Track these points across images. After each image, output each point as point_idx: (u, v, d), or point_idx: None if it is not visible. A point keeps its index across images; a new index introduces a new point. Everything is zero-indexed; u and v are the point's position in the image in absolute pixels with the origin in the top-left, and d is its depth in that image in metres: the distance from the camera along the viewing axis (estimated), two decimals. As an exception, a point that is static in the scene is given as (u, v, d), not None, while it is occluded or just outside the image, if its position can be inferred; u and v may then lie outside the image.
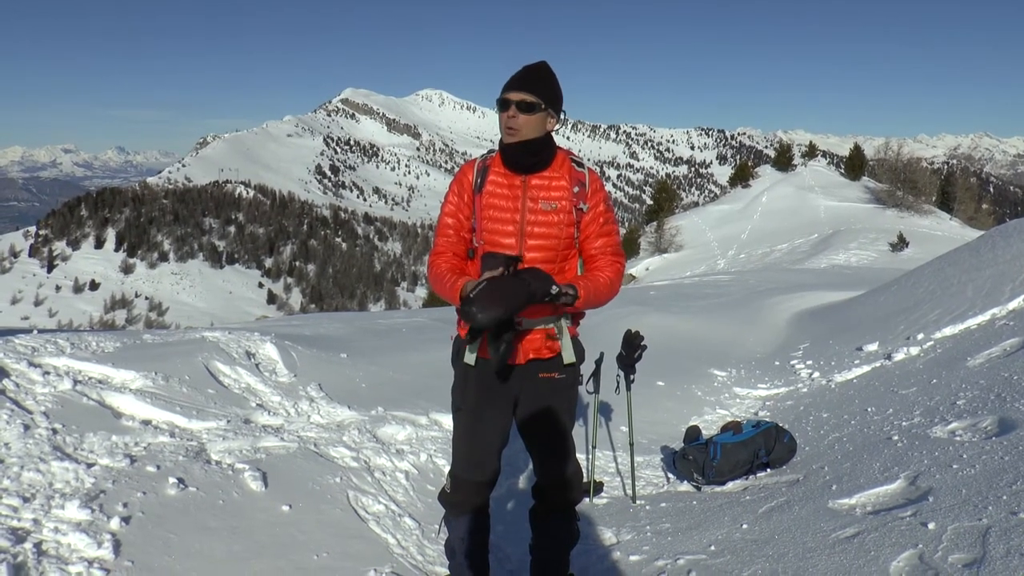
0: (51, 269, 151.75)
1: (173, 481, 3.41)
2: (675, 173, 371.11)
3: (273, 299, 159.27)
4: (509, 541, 3.85)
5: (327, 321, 9.81)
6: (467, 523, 2.95)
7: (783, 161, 70.18)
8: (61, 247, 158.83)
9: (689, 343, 10.43)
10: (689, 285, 22.20)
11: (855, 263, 32.91)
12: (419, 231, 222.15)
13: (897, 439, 4.45)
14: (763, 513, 3.86)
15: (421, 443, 4.77)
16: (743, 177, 69.10)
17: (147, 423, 4.02)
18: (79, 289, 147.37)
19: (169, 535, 3.07)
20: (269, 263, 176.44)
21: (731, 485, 4.81)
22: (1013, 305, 7.40)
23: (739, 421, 5.28)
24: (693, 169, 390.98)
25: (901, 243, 35.37)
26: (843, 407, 6.09)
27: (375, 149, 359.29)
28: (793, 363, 8.85)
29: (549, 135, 2.75)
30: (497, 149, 2.81)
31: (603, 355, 4.80)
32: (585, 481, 4.46)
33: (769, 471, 4.92)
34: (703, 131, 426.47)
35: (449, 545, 3.06)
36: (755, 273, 28.50)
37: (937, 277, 10.30)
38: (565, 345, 2.78)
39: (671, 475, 5.26)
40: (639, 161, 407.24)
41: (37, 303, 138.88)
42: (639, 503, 4.61)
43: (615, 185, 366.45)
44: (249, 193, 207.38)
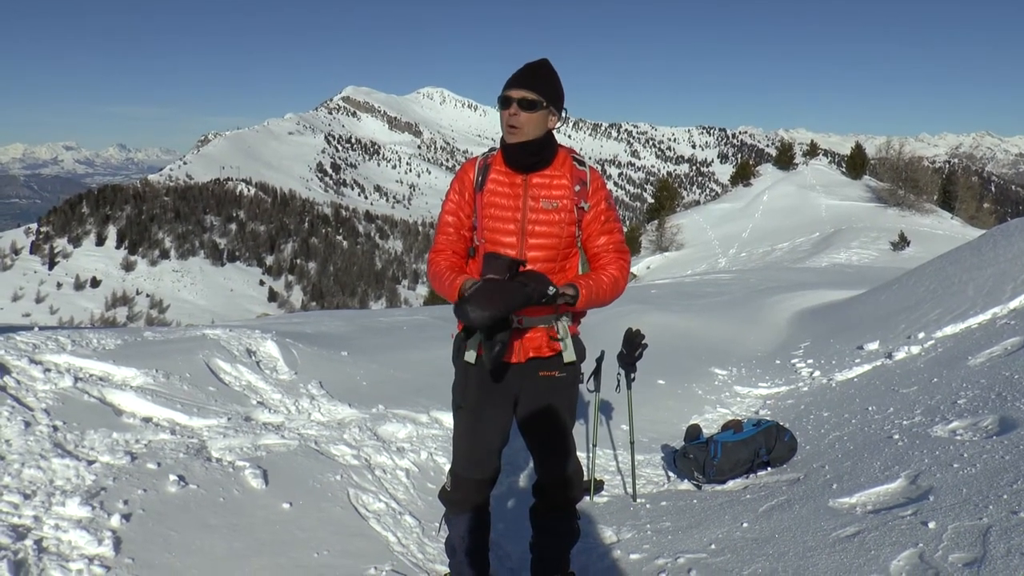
0: (52, 266, 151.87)
1: (174, 478, 3.41)
2: (676, 172, 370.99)
3: (274, 297, 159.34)
4: (510, 539, 3.85)
5: (328, 319, 9.81)
6: (467, 521, 2.95)
7: (784, 160, 70.13)
8: (62, 244, 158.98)
9: (690, 342, 10.42)
10: (690, 283, 22.20)
11: (856, 262, 32.90)
12: (420, 229, 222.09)
13: (898, 438, 4.45)
14: (764, 512, 3.86)
15: (422, 441, 4.77)
16: (744, 176, 69.06)
17: (148, 420, 4.02)
18: (80, 286, 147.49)
19: (170, 532, 3.08)
20: (270, 261, 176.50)
21: (732, 484, 4.81)
22: (1014, 304, 7.39)
23: (740, 420, 5.28)
24: (694, 168, 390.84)
25: (902, 242, 35.35)
26: (844, 406, 6.09)
27: (376, 147, 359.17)
28: (794, 362, 8.85)
29: (550, 133, 2.74)
30: (498, 147, 2.81)
31: (604, 353, 4.80)
32: (585, 479, 4.46)
33: (770, 470, 4.92)
34: (704, 130, 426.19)
35: (449, 543, 3.07)
36: (756, 272, 28.49)
37: (938, 276, 10.29)
38: (566, 344, 2.78)
39: (672, 473, 5.26)
40: (640, 160, 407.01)
41: (38, 300, 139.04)
42: (639, 501, 4.61)
43: (616, 183, 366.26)
44: (250, 191, 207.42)
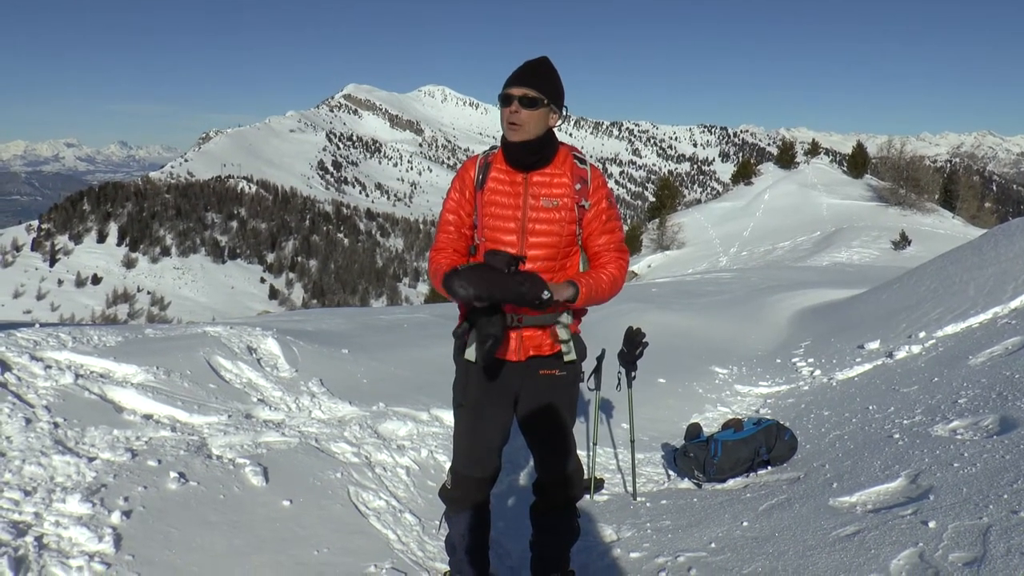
0: (53, 263, 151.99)
1: (174, 475, 3.41)
2: (678, 170, 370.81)
3: (275, 294, 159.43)
4: (510, 537, 3.85)
5: (329, 316, 9.81)
6: (468, 519, 2.95)
7: (786, 159, 70.15)
8: (63, 241, 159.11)
9: (690, 340, 10.42)
10: (691, 282, 22.19)
11: (857, 261, 32.89)
12: (421, 227, 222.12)
13: (898, 437, 4.45)
14: (764, 511, 3.86)
15: (422, 439, 4.77)
16: (746, 174, 69.07)
17: (148, 417, 4.02)
18: (81, 283, 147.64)
19: (170, 529, 3.08)
20: (271, 258, 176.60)
21: (732, 483, 4.81)
22: (1015, 304, 7.39)
23: (740, 419, 5.28)
24: (696, 166, 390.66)
25: (903, 241, 35.35)
26: (844, 405, 6.08)
27: (377, 145, 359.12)
28: (794, 361, 8.84)
29: (551, 131, 2.74)
30: (499, 146, 2.80)
31: (604, 352, 4.79)
32: (586, 478, 4.46)
33: (770, 469, 4.92)
34: (706, 128, 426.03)
35: (450, 541, 3.07)
36: (757, 271, 28.48)
37: (939, 275, 10.28)
38: (566, 342, 2.78)
39: (672, 472, 5.26)
40: (642, 158, 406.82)
41: (39, 297, 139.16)
42: (640, 500, 4.61)
43: (617, 182, 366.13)
44: (251, 188, 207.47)
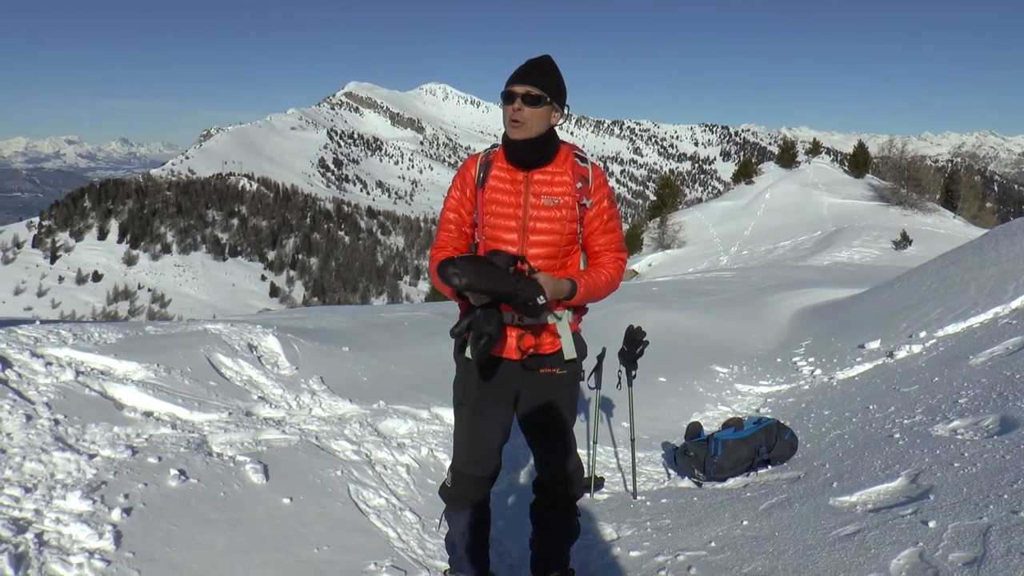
0: (54, 260, 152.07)
1: (174, 473, 3.41)
2: (679, 169, 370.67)
3: (276, 292, 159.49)
4: (510, 536, 3.85)
5: (329, 314, 9.81)
6: (468, 517, 2.96)
7: (787, 158, 70.11)
8: (64, 238, 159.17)
9: (691, 339, 10.42)
10: (692, 281, 22.19)
11: (858, 260, 32.89)
12: (422, 225, 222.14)
13: (898, 437, 4.44)
14: (764, 510, 3.86)
15: (422, 437, 4.77)
16: (747, 173, 69.06)
17: (149, 415, 4.02)
18: (82, 280, 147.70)
19: (170, 527, 3.08)
20: (272, 256, 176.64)
21: (732, 482, 4.81)
22: (1016, 304, 7.38)
23: (740, 418, 5.28)
24: (697, 165, 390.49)
25: (904, 241, 35.34)
26: (845, 404, 6.08)
27: (378, 143, 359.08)
28: (795, 360, 8.84)
29: (552, 130, 2.74)
30: (500, 144, 2.80)
31: (605, 351, 4.80)
32: (586, 477, 4.46)
33: (770, 468, 4.92)
34: (707, 127, 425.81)
35: (450, 539, 3.07)
36: (758, 270, 28.48)
37: (940, 275, 10.27)
38: (566, 341, 2.78)
39: (672, 471, 5.26)
40: (643, 157, 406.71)
41: (40, 294, 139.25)
42: (640, 499, 4.61)
43: (618, 181, 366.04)
44: (252, 186, 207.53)
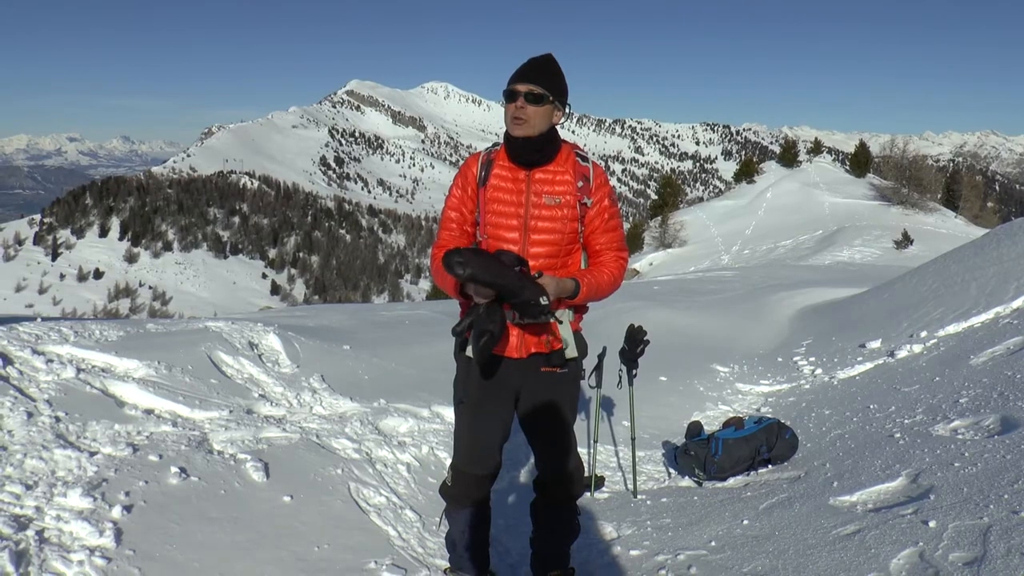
0: (55, 257, 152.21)
1: (175, 470, 3.41)
2: (680, 168, 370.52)
3: (277, 290, 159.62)
4: (510, 534, 3.85)
5: (330, 312, 9.82)
6: (468, 516, 2.96)
7: (788, 157, 70.14)
8: (66, 235, 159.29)
9: (692, 338, 10.42)
10: (693, 280, 22.19)
11: (859, 260, 32.89)
12: (423, 224, 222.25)
13: (899, 437, 4.44)
14: (764, 509, 3.86)
15: (423, 436, 4.78)
16: (748, 173, 69.07)
17: (150, 412, 4.02)
18: (83, 278, 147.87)
19: (171, 524, 3.08)
20: (273, 254, 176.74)
21: (732, 481, 4.81)
22: (1017, 304, 7.37)
23: (741, 417, 5.28)
24: (698, 164, 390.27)
25: (905, 240, 35.34)
26: (845, 404, 6.08)
27: (380, 141, 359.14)
28: (796, 359, 8.84)
29: (554, 129, 2.74)
30: (502, 143, 2.80)
31: (606, 350, 4.80)
32: (586, 475, 4.47)
33: (770, 467, 4.92)
34: (708, 126, 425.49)
35: (450, 538, 3.07)
36: (759, 269, 28.48)
37: (941, 275, 10.26)
38: (567, 339, 2.78)
39: (672, 470, 5.26)
40: (644, 156, 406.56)
41: (41, 291, 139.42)
42: (640, 498, 4.61)
43: (620, 180, 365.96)
44: (254, 184, 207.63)
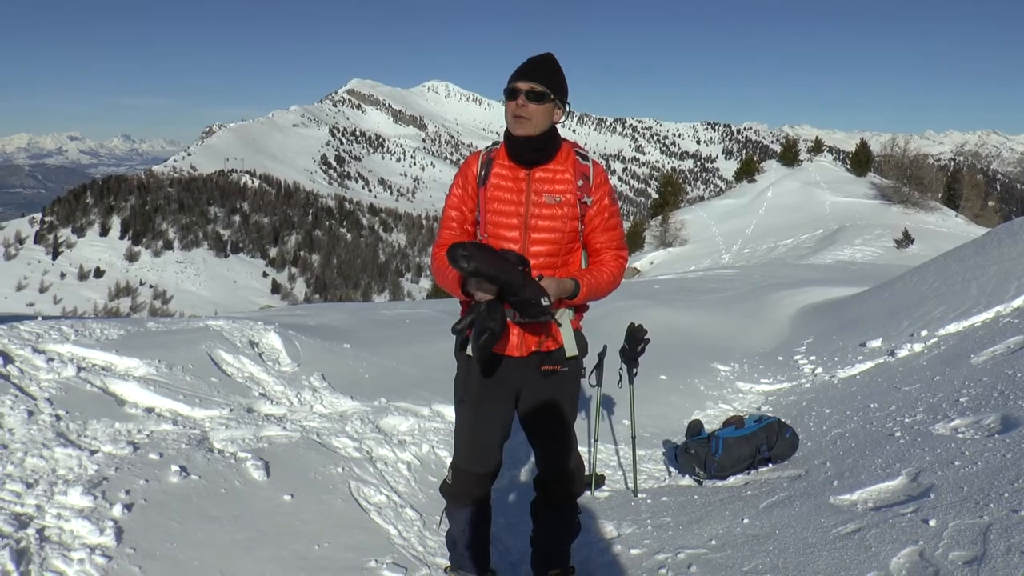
0: (56, 256, 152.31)
1: (176, 469, 3.42)
2: (681, 167, 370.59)
3: (277, 289, 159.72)
4: (510, 533, 3.86)
5: (331, 311, 9.82)
6: (468, 515, 2.96)
7: (789, 156, 70.09)
8: (66, 234, 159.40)
9: (692, 337, 10.42)
10: (693, 279, 22.19)
11: (860, 259, 32.89)
12: (424, 222, 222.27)
13: (899, 435, 4.44)
14: (764, 508, 3.86)
15: (423, 434, 4.78)
16: (749, 172, 69.07)
17: (150, 411, 4.03)
18: (84, 276, 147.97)
19: (171, 523, 3.08)
20: (274, 253, 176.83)
21: (732, 480, 4.81)
22: (1017, 303, 7.37)
23: (741, 416, 5.28)
24: (699, 163, 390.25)
25: (906, 239, 35.33)
26: (846, 403, 6.08)
27: (381, 140, 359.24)
28: (796, 358, 8.84)
29: (554, 127, 2.74)
30: (502, 142, 2.80)
31: (606, 348, 4.80)
32: (587, 474, 4.47)
33: (771, 466, 4.91)
34: (709, 125, 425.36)
35: (450, 536, 3.07)
36: (759, 268, 28.48)
37: (942, 274, 10.26)
38: (567, 338, 2.78)
39: (673, 469, 5.26)
40: (645, 155, 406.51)
41: (42, 290, 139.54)
42: (640, 496, 4.61)
43: (620, 178, 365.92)
44: (254, 183, 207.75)
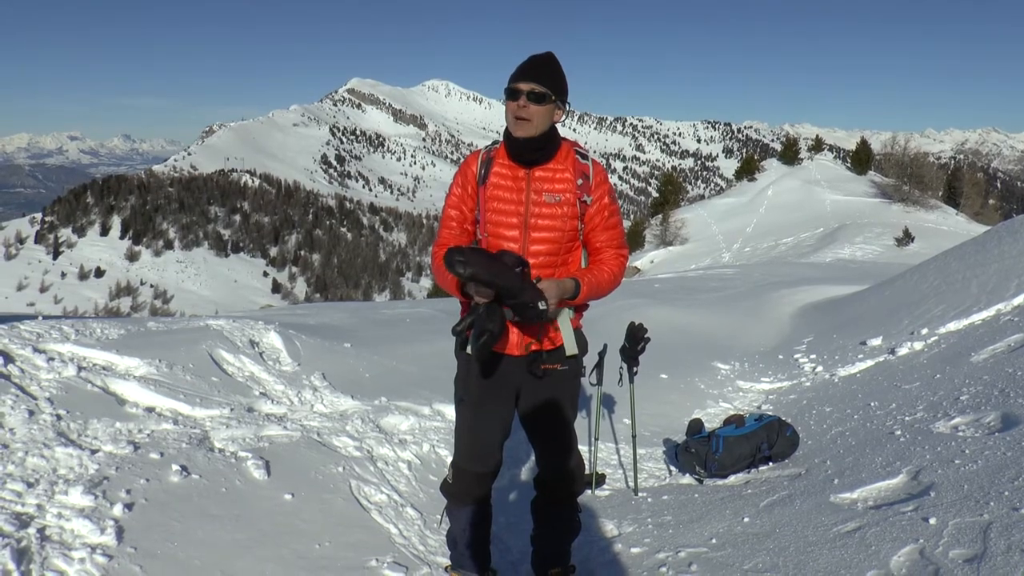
0: (57, 256, 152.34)
1: (176, 468, 3.42)
2: (681, 166, 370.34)
3: (278, 288, 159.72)
4: (511, 532, 3.86)
5: (331, 311, 9.82)
6: (469, 514, 2.96)
7: (789, 155, 70.05)
8: (67, 234, 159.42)
9: (693, 336, 10.42)
10: (694, 278, 22.19)
11: (860, 257, 32.88)
12: (424, 222, 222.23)
13: (900, 434, 4.44)
14: (765, 506, 3.86)
15: (424, 433, 4.78)
16: (749, 170, 69.05)
17: (151, 410, 4.03)
18: (84, 276, 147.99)
19: (172, 522, 3.09)
20: (274, 252, 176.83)
21: (733, 478, 4.81)
22: (1018, 301, 7.37)
23: (742, 414, 5.28)
24: (699, 162, 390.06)
25: (906, 238, 35.32)
26: (846, 401, 6.08)
27: (381, 139, 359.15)
28: (796, 357, 8.84)
29: (554, 127, 2.74)
30: (502, 140, 2.80)
31: (606, 347, 4.80)
32: (587, 473, 4.47)
33: (771, 465, 4.92)
34: (709, 124, 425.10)
35: (451, 535, 3.07)
36: (760, 267, 28.47)
37: (942, 272, 10.25)
38: (568, 337, 2.78)
39: (673, 468, 5.26)
40: (645, 154, 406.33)
41: (42, 290, 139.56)
42: (641, 495, 4.62)
43: (621, 177, 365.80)
44: (255, 182, 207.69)
